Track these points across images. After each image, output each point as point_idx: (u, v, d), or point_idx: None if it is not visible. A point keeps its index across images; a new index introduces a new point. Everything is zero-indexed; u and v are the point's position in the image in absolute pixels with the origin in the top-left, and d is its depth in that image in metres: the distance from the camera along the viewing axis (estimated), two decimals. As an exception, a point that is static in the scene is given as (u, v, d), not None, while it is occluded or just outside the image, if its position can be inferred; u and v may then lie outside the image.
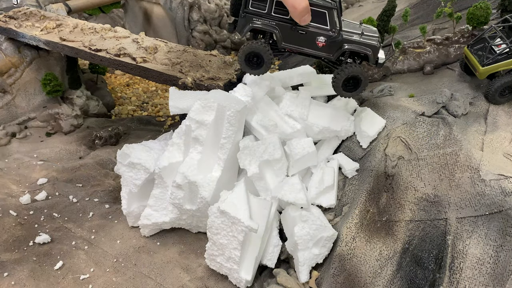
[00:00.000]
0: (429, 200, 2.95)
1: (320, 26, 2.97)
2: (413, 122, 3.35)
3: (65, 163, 4.28)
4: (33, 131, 4.75)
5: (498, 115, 3.38)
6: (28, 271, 3.01)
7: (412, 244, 2.86)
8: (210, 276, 3.08)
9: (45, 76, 4.70)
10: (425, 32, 4.21)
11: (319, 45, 3.04)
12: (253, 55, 3.07)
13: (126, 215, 3.44)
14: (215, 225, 2.94)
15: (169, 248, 3.29)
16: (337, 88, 3.16)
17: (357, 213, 3.06)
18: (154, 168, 3.28)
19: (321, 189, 3.20)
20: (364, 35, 3.05)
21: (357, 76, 3.09)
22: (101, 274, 3.04)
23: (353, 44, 3.03)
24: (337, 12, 2.95)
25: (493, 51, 3.38)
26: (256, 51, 3.02)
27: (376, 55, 3.10)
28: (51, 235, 3.32)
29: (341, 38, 3.01)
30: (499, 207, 2.72)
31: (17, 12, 4.91)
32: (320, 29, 2.97)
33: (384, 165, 3.21)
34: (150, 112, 5.80)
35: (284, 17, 2.93)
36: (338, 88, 3.15)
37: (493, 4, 4.40)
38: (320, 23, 2.96)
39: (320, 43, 3.03)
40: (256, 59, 3.11)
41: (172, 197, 3.17)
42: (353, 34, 3.05)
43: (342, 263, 2.91)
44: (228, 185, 3.26)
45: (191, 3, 6.68)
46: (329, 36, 3.00)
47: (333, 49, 3.06)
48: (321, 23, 2.96)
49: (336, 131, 3.42)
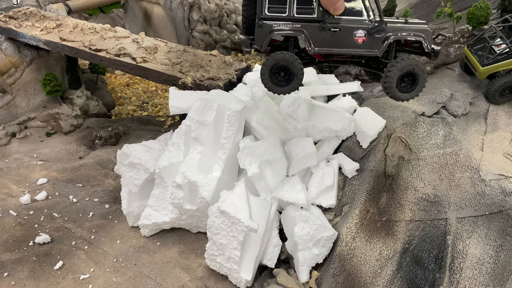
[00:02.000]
0: (429, 200, 2.95)
1: (355, 18, 2.46)
2: (413, 122, 3.35)
3: (65, 163, 4.28)
4: (33, 131, 4.74)
5: (498, 115, 3.38)
6: (28, 271, 3.01)
7: (412, 244, 2.86)
8: (210, 276, 3.08)
9: (45, 76, 4.70)
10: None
11: (358, 42, 2.50)
12: (279, 69, 2.53)
13: (126, 215, 3.44)
14: (215, 225, 2.94)
15: (169, 248, 3.29)
16: (390, 89, 2.55)
17: (357, 213, 3.06)
18: (154, 168, 3.28)
19: (321, 189, 3.20)
20: (409, 22, 2.55)
21: (413, 70, 2.51)
22: (101, 274, 3.04)
23: (400, 31, 2.49)
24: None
25: (493, 51, 3.39)
26: (282, 64, 2.48)
27: (431, 42, 2.56)
28: (51, 235, 3.32)
29: (385, 27, 2.47)
30: (499, 207, 2.72)
31: (17, 12, 4.91)
32: (356, 22, 2.46)
33: (384, 165, 3.21)
34: (150, 112, 5.80)
35: (310, 16, 2.43)
36: (392, 89, 2.55)
37: (493, 4, 4.41)
38: (354, 15, 2.46)
39: (359, 38, 2.50)
40: (283, 74, 2.56)
41: (172, 197, 3.17)
42: (397, 22, 2.54)
43: (342, 263, 2.91)
44: (228, 185, 3.26)
45: (191, 3, 6.68)
46: (369, 28, 2.47)
47: (377, 43, 2.51)
48: (355, 15, 2.46)
49: (336, 131, 3.41)
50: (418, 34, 2.52)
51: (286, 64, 2.48)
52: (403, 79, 2.58)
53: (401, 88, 2.60)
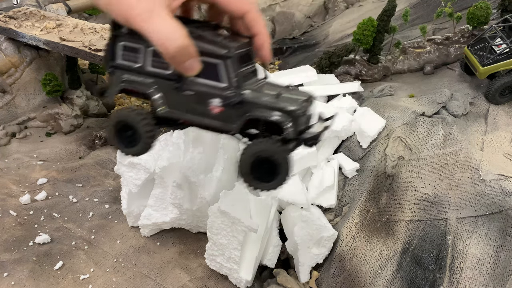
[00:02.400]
0: (429, 200, 2.94)
1: (212, 83, 1.96)
2: (413, 122, 3.34)
3: (65, 163, 4.28)
4: (33, 131, 4.74)
5: (498, 115, 3.37)
6: (28, 271, 3.01)
7: (412, 244, 2.85)
8: (210, 276, 3.08)
9: (45, 76, 4.69)
10: (425, 32, 4.21)
11: (214, 111, 2.00)
12: (125, 126, 2.06)
13: (126, 215, 3.43)
14: (215, 225, 2.93)
15: (169, 248, 3.29)
16: (244, 177, 2.00)
17: (357, 213, 3.05)
18: (154, 168, 3.28)
19: (321, 189, 3.20)
20: (282, 97, 1.98)
21: (271, 157, 1.95)
22: (101, 274, 3.04)
23: (259, 108, 1.98)
24: (235, 63, 1.94)
25: (493, 51, 3.38)
26: (126, 121, 2.03)
27: (297, 126, 1.95)
28: (51, 235, 3.32)
29: (242, 99, 1.97)
30: (499, 207, 2.72)
31: (17, 12, 4.91)
32: (212, 87, 1.96)
33: (384, 165, 3.21)
34: (150, 112, 5.79)
35: (164, 72, 1.94)
36: (245, 176, 1.99)
37: (493, 4, 4.40)
38: (212, 79, 1.96)
39: (215, 107, 2.00)
40: (130, 133, 2.09)
41: (172, 197, 3.17)
42: (265, 95, 2.01)
43: (342, 263, 2.90)
44: (228, 185, 3.26)
45: (191, 3, 6.68)
46: (226, 97, 1.97)
47: (234, 117, 2.02)
48: (213, 78, 1.96)
49: (336, 131, 3.41)
50: (275, 114, 1.92)
51: (131, 122, 2.03)
52: (259, 165, 2.02)
53: (259, 176, 2.03)
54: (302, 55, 6.33)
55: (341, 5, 7.15)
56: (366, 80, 4.31)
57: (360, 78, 4.32)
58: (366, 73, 4.30)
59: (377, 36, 4.10)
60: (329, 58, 4.27)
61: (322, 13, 7.48)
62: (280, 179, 1.97)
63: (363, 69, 4.30)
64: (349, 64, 4.36)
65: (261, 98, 1.98)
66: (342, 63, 4.36)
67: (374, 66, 4.30)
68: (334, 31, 6.44)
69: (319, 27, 6.99)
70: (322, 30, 6.74)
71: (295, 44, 6.65)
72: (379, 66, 4.30)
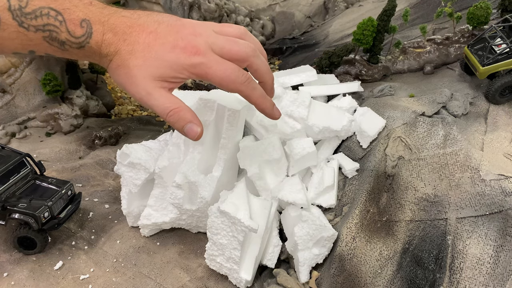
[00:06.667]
0: (429, 200, 2.94)
1: None
2: (413, 122, 3.34)
3: (64, 163, 4.28)
4: (33, 131, 4.74)
5: (498, 115, 3.37)
6: (28, 271, 3.01)
7: (412, 244, 2.85)
8: (210, 276, 3.08)
9: (45, 76, 4.69)
10: (425, 32, 4.21)
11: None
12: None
13: (126, 215, 3.43)
14: (215, 225, 2.93)
15: (169, 248, 3.29)
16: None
17: (357, 213, 3.05)
18: (154, 168, 3.28)
19: (321, 189, 3.20)
20: (41, 199, 2.64)
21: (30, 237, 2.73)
22: (101, 274, 3.04)
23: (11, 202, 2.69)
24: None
25: (493, 51, 3.38)
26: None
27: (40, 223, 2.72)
28: (51, 235, 3.32)
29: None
30: (499, 207, 2.72)
31: (17, 12, 4.90)
32: None
33: (384, 165, 3.21)
34: (150, 112, 5.80)
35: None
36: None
37: (493, 4, 4.40)
38: None
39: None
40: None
41: (172, 197, 3.17)
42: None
43: (342, 263, 2.90)
44: (228, 185, 3.26)
45: (191, 2, 6.68)
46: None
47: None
48: None
49: (336, 131, 3.41)
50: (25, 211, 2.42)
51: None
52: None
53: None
54: (302, 55, 6.33)
55: (341, 5, 7.15)
56: (366, 80, 4.31)
57: (360, 78, 4.32)
58: (366, 73, 4.30)
59: (377, 36, 4.10)
60: (329, 58, 4.27)
61: (322, 13, 7.48)
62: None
63: (363, 69, 4.30)
64: (349, 64, 4.36)
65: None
66: (342, 63, 4.36)
67: (374, 66, 4.30)
68: (334, 31, 6.44)
69: (319, 27, 6.99)
70: (322, 30, 6.74)
71: (295, 44, 6.65)
72: (379, 66, 4.30)
